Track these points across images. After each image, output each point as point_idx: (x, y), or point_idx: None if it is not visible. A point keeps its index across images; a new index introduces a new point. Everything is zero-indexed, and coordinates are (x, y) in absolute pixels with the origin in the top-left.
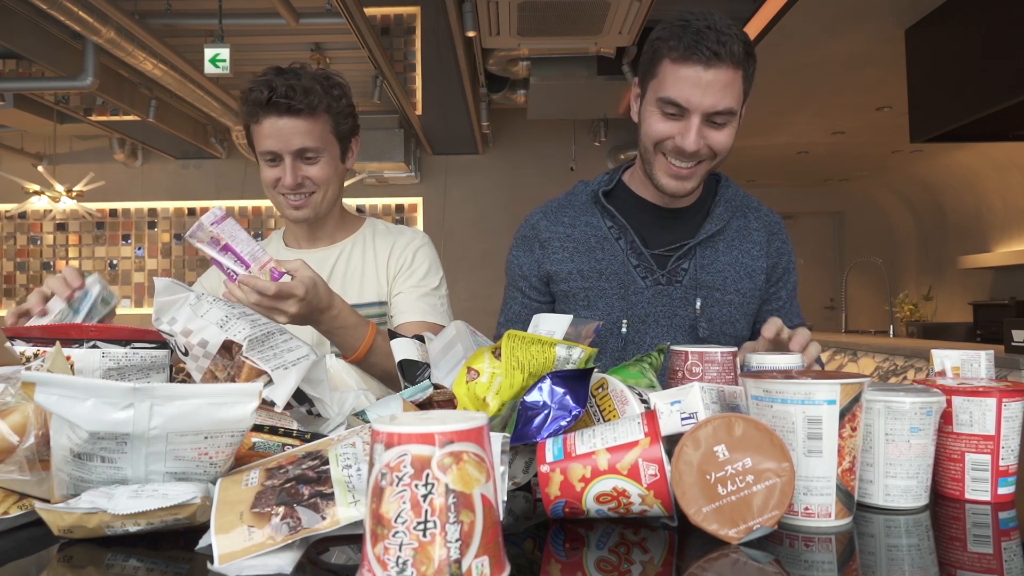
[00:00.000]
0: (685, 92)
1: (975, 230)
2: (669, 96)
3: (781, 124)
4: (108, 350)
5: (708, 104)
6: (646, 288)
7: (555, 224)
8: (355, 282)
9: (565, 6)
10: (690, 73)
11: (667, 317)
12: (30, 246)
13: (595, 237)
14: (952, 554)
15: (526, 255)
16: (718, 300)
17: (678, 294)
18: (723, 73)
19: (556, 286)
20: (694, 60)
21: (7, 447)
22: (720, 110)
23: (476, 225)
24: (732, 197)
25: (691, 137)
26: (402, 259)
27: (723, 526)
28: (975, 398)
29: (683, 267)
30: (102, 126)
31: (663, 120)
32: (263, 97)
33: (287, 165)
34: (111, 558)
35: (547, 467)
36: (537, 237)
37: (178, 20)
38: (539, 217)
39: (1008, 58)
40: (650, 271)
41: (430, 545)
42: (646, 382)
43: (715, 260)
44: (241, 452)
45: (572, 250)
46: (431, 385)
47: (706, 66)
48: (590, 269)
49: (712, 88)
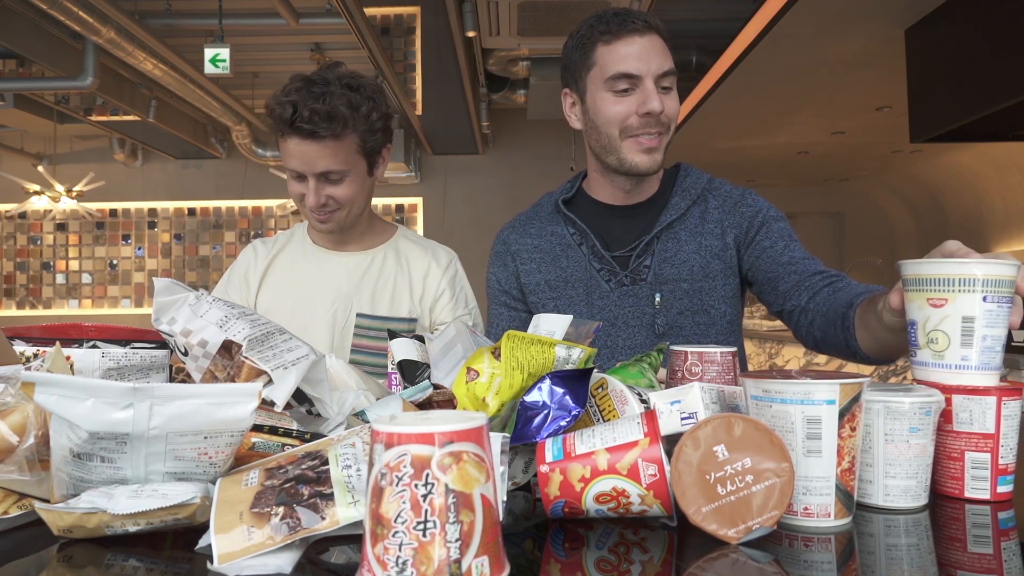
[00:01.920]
0: (631, 61)
1: (975, 230)
2: (618, 71)
3: (781, 124)
4: (108, 350)
5: (656, 66)
6: (611, 291)
7: (523, 236)
8: (386, 294)
9: (565, 6)
10: (630, 44)
11: (636, 316)
12: (30, 246)
13: (560, 245)
14: (951, 554)
15: (502, 270)
16: (686, 291)
17: (644, 292)
18: (656, 39)
19: (528, 298)
20: (629, 31)
21: (7, 447)
22: (666, 71)
23: (476, 225)
24: (691, 185)
25: (653, 98)
26: (440, 287)
27: (722, 526)
28: (975, 396)
29: (645, 264)
30: (102, 126)
31: (618, 99)
32: (287, 116)
33: (311, 186)
34: (111, 558)
35: (546, 467)
36: (508, 251)
37: (178, 20)
38: (508, 232)
39: (1008, 58)
40: (613, 273)
41: (430, 545)
42: (646, 382)
43: (678, 251)
44: (241, 452)
45: (539, 260)
46: (431, 385)
47: (641, 34)
48: (556, 278)
49: (654, 52)
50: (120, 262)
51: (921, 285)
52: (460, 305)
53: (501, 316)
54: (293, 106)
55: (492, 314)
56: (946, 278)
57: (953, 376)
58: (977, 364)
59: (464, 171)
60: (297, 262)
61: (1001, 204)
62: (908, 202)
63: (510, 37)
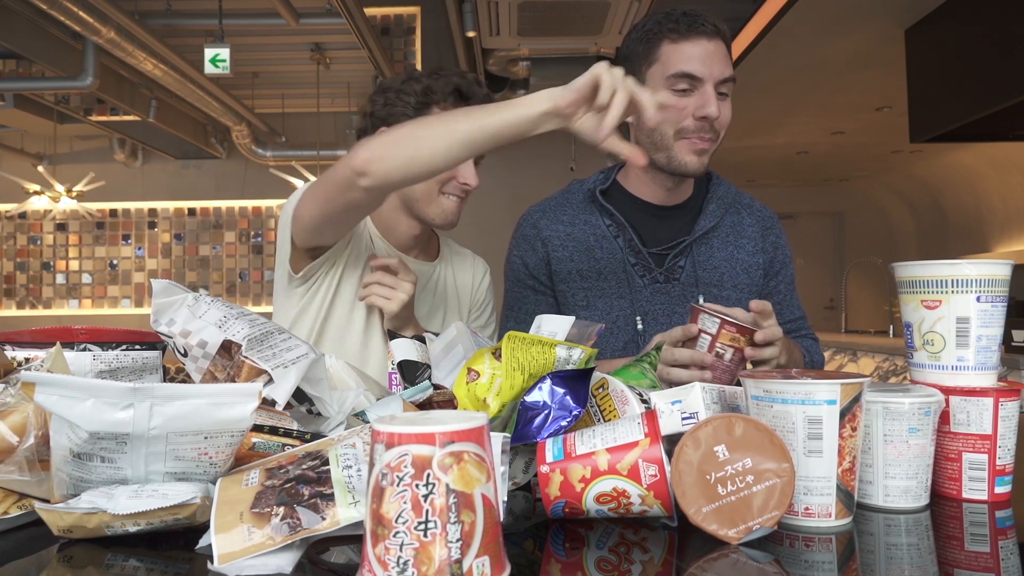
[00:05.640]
0: (696, 63)
1: (975, 230)
2: (682, 70)
3: (781, 124)
4: (99, 352)
5: (718, 72)
6: (644, 287)
7: (555, 223)
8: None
9: (565, 6)
10: (696, 46)
11: (666, 315)
12: (30, 246)
13: (594, 236)
14: (951, 553)
15: (531, 254)
16: (715, 296)
17: (676, 291)
18: (721, 46)
19: (557, 285)
20: (698, 33)
21: (7, 447)
22: (727, 77)
23: (476, 225)
24: (724, 194)
25: (712, 103)
26: (477, 297)
27: (723, 526)
28: (972, 398)
29: (680, 264)
30: (102, 126)
31: (677, 99)
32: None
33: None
34: (111, 558)
35: (547, 467)
36: (539, 236)
37: (178, 20)
38: (538, 216)
39: (1008, 58)
40: (648, 269)
41: (431, 545)
42: (647, 382)
43: (711, 257)
44: (241, 452)
45: (572, 249)
46: (431, 386)
47: (709, 38)
48: (589, 269)
49: (718, 57)
50: (120, 262)
51: (915, 287)
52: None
53: (526, 299)
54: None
55: (515, 297)
56: (939, 279)
57: (950, 377)
58: (974, 364)
59: None
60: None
61: (1001, 204)
62: (908, 202)
63: (510, 37)
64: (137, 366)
